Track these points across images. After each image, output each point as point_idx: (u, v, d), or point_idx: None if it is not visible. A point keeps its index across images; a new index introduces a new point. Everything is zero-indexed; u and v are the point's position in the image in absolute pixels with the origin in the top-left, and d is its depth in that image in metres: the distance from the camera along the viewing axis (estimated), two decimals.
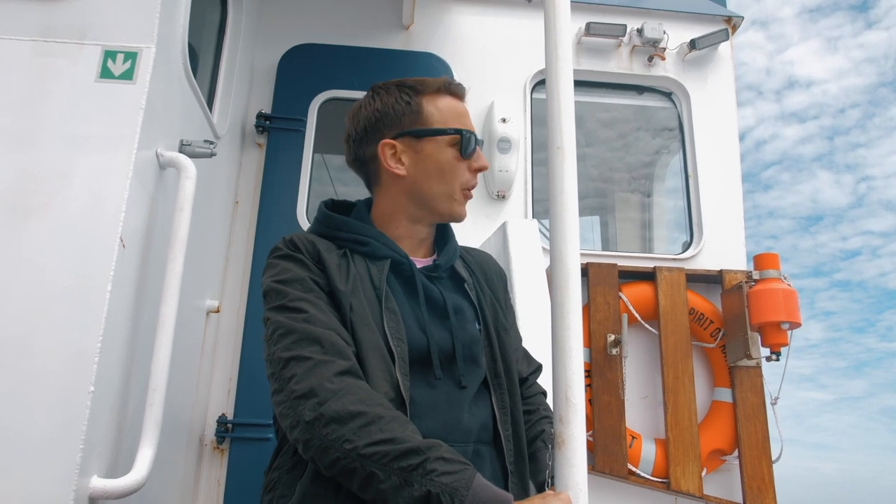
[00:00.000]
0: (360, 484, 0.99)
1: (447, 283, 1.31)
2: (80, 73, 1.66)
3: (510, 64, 3.06)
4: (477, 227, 2.68)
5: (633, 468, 2.55)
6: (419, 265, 1.29)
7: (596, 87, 3.20)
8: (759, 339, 2.61)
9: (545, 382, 1.30)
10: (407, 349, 1.15)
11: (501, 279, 1.45)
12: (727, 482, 2.67)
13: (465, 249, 1.43)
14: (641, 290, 2.75)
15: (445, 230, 1.38)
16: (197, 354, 2.39)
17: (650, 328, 2.74)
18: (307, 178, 2.81)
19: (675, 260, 2.93)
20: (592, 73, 3.13)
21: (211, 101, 2.50)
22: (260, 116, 2.85)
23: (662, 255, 3.04)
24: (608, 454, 2.51)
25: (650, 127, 3.57)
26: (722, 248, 2.94)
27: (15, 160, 1.57)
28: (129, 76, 1.67)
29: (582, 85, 3.09)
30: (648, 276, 2.78)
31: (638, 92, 3.24)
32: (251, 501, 1.66)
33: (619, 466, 2.50)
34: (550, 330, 1.08)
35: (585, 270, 2.70)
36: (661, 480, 2.55)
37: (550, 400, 1.13)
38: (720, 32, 3.13)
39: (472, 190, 1.32)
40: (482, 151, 1.34)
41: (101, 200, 1.56)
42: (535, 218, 2.85)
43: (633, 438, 2.59)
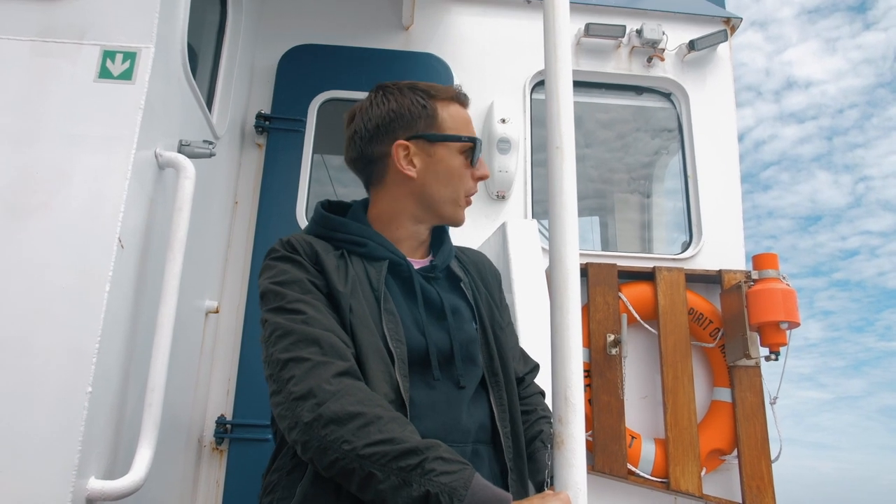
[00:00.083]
0: (359, 484, 0.99)
1: (444, 283, 1.32)
2: (79, 72, 1.66)
3: (510, 64, 3.06)
4: (477, 227, 2.68)
5: (632, 468, 2.55)
6: (416, 266, 1.29)
7: (595, 87, 3.21)
8: (758, 338, 2.61)
9: (544, 382, 1.30)
10: (406, 350, 1.15)
11: (496, 278, 1.46)
12: (726, 482, 2.67)
13: (459, 249, 1.44)
14: (641, 290, 2.76)
15: (441, 231, 1.39)
16: (196, 355, 2.39)
17: (649, 328, 2.74)
18: (307, 178, 2.81)
19: (674, 260, 2.93)
20: (592, 73, 3.13)
21: (210, 101, 2.50)
22: (259, 117, 2.84)
23: (662, 255, 3.04)
24: (608, 454, 2.51)
25: (649, 127, 3.57)
26: (721, 248, 2.95)
27: (14, 160, 1.57)
28: (128, 76, 1.66)
29: (581, 86, 3.10)
30: (648, 276, 2.78)
31: (637, 93, 3.25)
32: (250, 502, 1.66)
33: (618, 466, 2.50)
34: (550, 330, 1.08)
35: (585, 270, 2.70)
36: (660, 480, 2.56)
37: (549, 400, 1.13)
38: (719, 33, 3.14)
39: (471, 197, 1.34)
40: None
41: (99, 200, 1.56)
42: (534, 218, 2.85)
43: (632, 438, 2.59)
